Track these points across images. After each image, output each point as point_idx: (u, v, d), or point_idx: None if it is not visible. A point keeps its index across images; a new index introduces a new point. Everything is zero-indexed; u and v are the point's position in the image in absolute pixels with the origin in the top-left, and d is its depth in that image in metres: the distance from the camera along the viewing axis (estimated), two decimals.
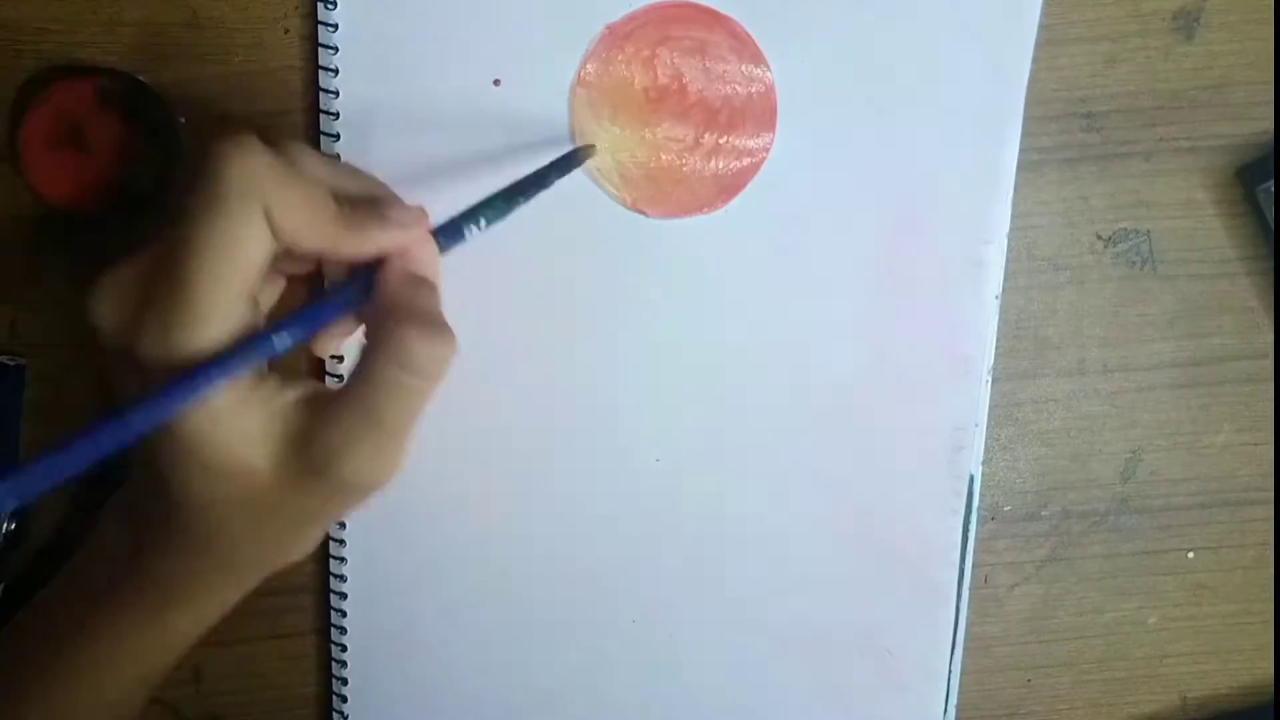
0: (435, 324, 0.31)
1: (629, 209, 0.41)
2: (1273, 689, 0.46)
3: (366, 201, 0.32)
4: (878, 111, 0.40)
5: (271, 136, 0.31)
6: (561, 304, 0.41)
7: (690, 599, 0.43)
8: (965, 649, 0.43)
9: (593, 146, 0.40)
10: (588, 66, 0.40)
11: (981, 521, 0.44)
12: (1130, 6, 0.41)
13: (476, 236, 0.33)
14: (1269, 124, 0.42)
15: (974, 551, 0.43)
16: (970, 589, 0.43)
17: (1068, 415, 0.44)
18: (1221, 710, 0.46)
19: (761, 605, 0.43)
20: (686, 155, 0.41)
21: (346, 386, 0.31)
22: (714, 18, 0.40)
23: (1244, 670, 0.46)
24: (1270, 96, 0.42)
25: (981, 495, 0.44)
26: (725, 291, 0.41)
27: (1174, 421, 0.44)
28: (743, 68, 0.40)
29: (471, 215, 0.33)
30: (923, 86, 0.40)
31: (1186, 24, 0.42)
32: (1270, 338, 0.44)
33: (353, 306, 0.32)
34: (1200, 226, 0.43)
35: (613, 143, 0.40)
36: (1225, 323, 0.44)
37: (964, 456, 0.42)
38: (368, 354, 0.31)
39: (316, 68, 0.40)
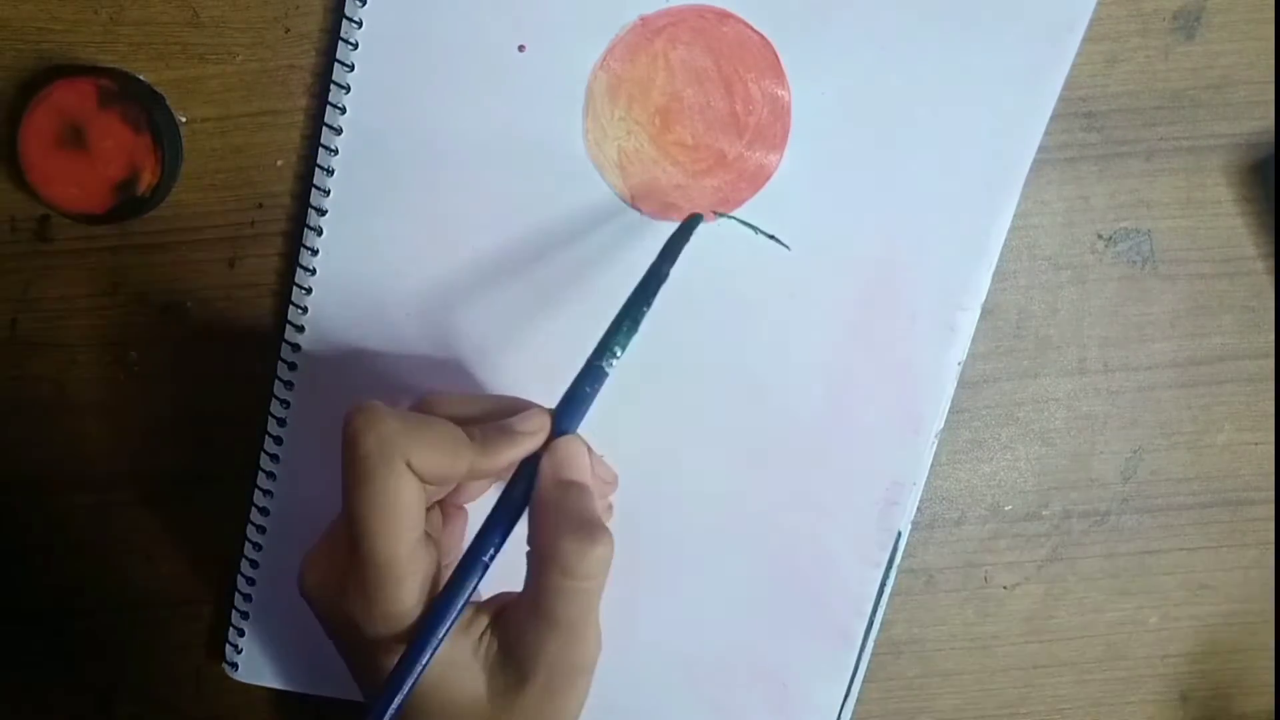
0: (588, 527, 0.32)
1: (625, 203, 0.41)
2: (1273, 689, 0.46)
3: (494, 420, 0.34)
4: (884, 157, 0.40)
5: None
6: (537, 285, 0.41)
7: (603, 599, 0.43)
8: (859, 699, 0.43)
9: (699, 216, 0.39)
10: (614, 52, 0.40)
11: (982, 521, 0.45)
12: (1130, 6, 0.41)
13: (618, 366, 0.35)
14: (1269, 124, 0.42)
15: (886, 607, 0.43)
16: (875, 641, 0.43)
17: (1068, 414, 0.44)
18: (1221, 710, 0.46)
19: (670, 622, 0.43)
20: (691, 162, 0.41)
21: (525, 591, 0.33)
22: (746, 31, 0.40)
23: (1244, 670, 0.46)
24: (1270, 96, 0.42)
25: (982, 494, 0.44)
26: (699, 303, 0.41)
27: (1175, 421, 0.44)
28: (764, 85, 0.40)
29: (605, 350, 0.35)
30: (933, 141, 0.40)
31: (1187, 24, 0.42)
32: (1271, 337, 0.44)
33: (520, 510, 0.34)
34: (1201, 226, 0.43)
35: (622, 134, 0.40)
36: (1226, 322, 0.44)
37: (896, 512, 0.42)
38: (533, 560, 0.33)
39: (318, 66, 0.40)
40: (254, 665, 0.44)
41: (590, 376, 0.34)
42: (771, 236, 0.40)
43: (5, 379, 0.42)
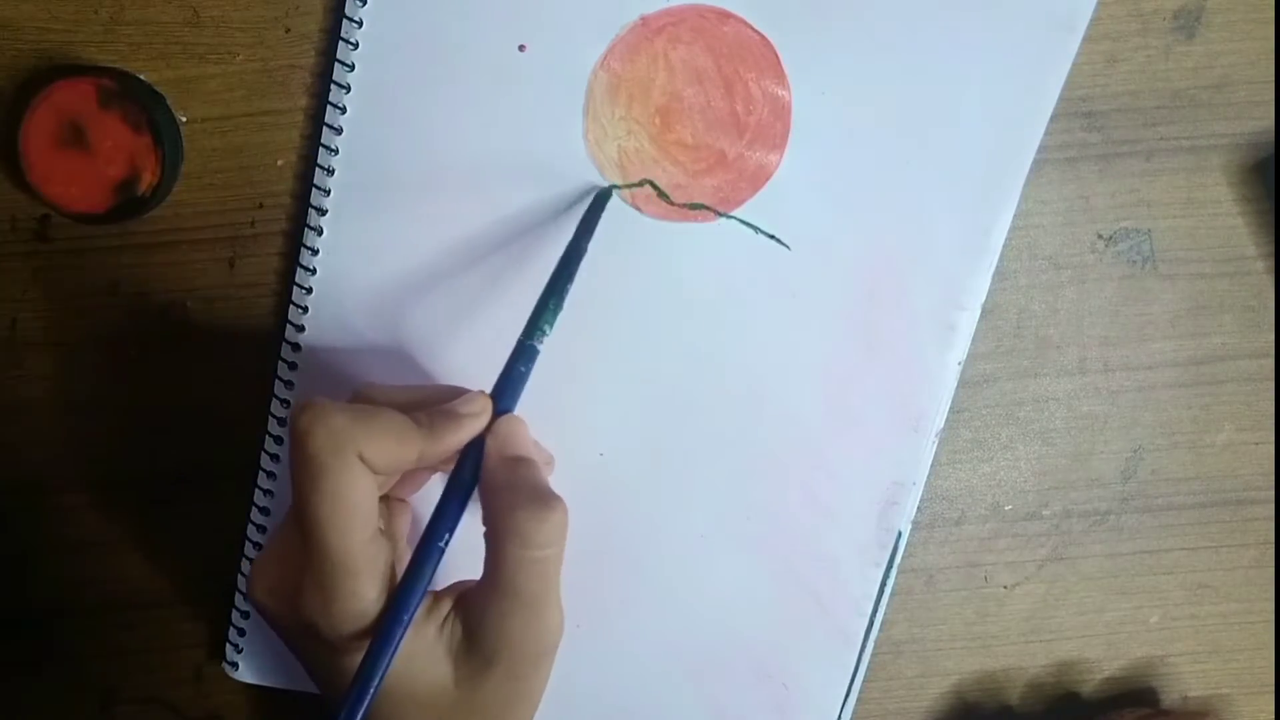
0: (541, 496, 0.32)
1: (625, 203, 0.41)
2: (1273, 689, 0.46)
3: (435, 406, 0.34)
4: (884, 157, 0.40)
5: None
6: (538, 284, 0.41)
7: (605, 598, 0.43)
8: (859, 699, 0.43)
9: (610, 188, 0.40)
10: (614, 52, 0.40)
11: (982, 521, 0.45)
12: (1131, 6, 0.41)
13: (548, 342, 0.35)
14: (1269, 123, 0.42)
15: (886, 607, 0.43)
16: (875, 641, 0.43)
17: (1069, 414, 0.44)
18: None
19: (672, 619, 0.43)
20: (691, 162, 0.41)
21: (485, 573, 0.33)
22: (746, 31, 0.40)
23: (1244, 670, 0.46)
24: (1270, 96, 0.42)
25: (982, 494, 0.44)
26: (700, 303, 0.41)
27: (1175, 420, 0.44)
28: (764, 85, 0.40)
29: (534, 329, 0.35)
30: (933, 140, 0.40)
31: (1187, 23, 0.42)
32: (1271, 337, 0.44)
33: (470, 491, 0.34)
34: (1201, 225, 0.43)
35: (622, 133, 0.40)
36: (1226, 321, 0.44)
37: (896, 512, 0.42)
38: (490, 537, 0.32)
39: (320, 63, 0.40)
40: (254, 665, 0.44)
41: (523, 356, 0.35)
42: (772, 236, 0.40)
43: (5, 379, 0.42)
